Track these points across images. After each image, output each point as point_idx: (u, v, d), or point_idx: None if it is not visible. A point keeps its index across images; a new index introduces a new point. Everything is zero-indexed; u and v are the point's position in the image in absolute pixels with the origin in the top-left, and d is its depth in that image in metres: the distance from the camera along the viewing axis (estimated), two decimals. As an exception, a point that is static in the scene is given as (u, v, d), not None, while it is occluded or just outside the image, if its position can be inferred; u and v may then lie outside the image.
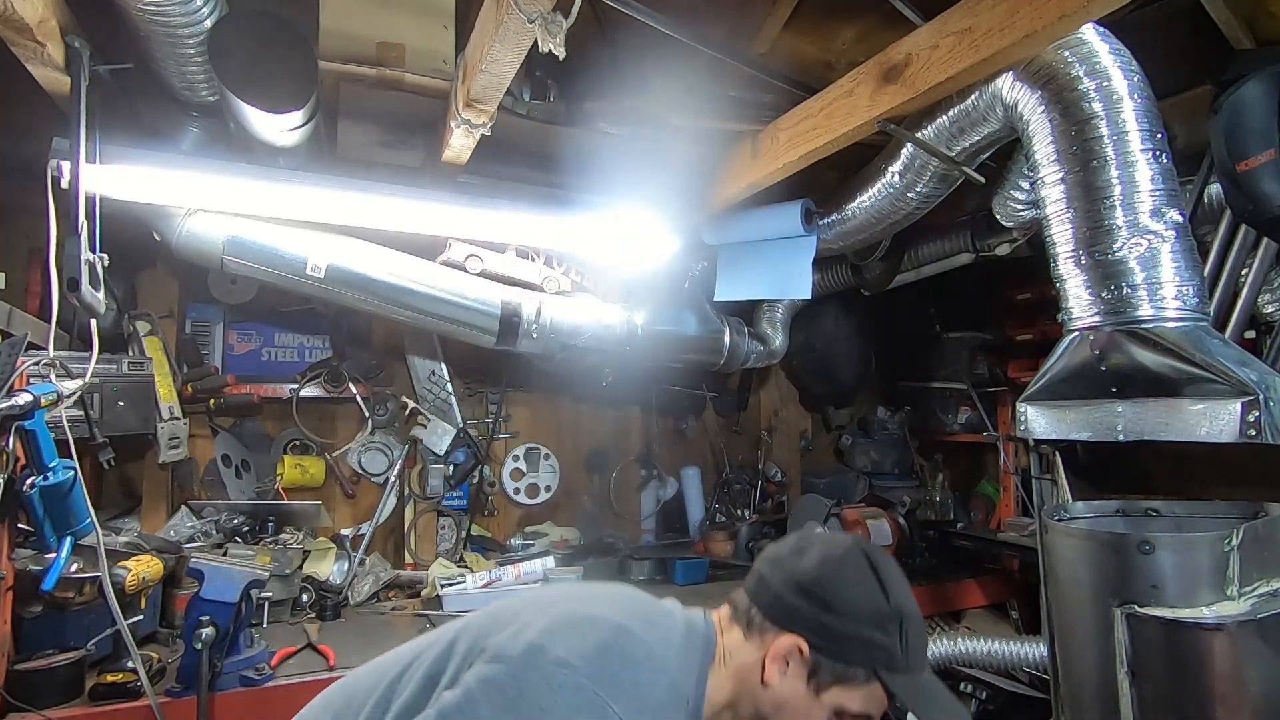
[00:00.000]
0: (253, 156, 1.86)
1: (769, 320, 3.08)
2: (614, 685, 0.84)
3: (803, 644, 0.96)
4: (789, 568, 1.01)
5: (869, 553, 1.00)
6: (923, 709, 0.96)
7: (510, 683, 0.82)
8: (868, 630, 0.95)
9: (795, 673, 0.97)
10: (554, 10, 1.24)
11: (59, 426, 1.56)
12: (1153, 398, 1.36)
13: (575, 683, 0.83)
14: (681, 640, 0.99)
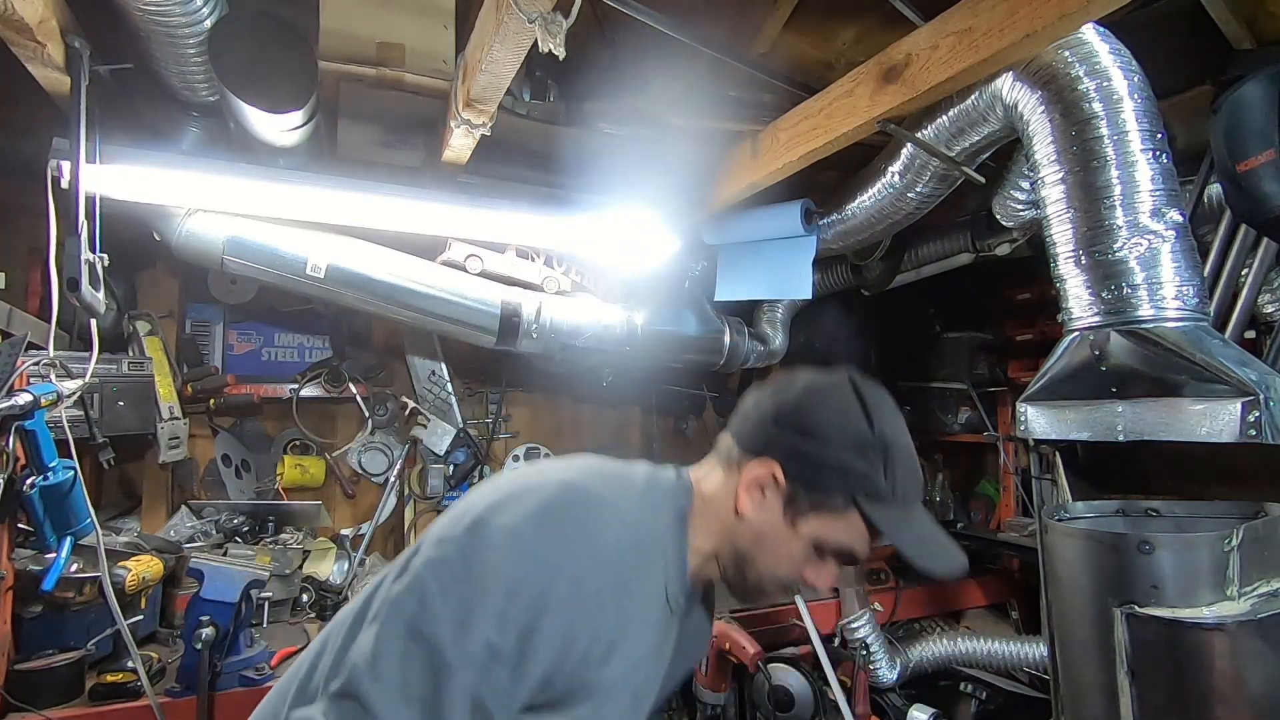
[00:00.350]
0: (253, 156, 1.86)
1: (769, 320, 3.08)
2: (561, 538, 0.81)
3: (776, 469, 0.92)
4: (771, 400, 0.97)
5: (858, 383, 0.95)
6: (907, 544, 0.90)
7: (457, 558, 0.79)
8: (847, 456, 0.90)
9: (770, 502, 0.93)
10: (554, 10, 1.24)
11: (59, 426, 1.56)
12: (1153, 398, 1.36)
13: (521, 544, 0.79)
14: (642, 492, 0.95)
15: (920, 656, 2.40)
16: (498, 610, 0.75)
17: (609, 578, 0.83)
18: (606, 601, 0.82)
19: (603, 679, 0.84)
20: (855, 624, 2.29)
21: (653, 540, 0.91)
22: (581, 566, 0.80)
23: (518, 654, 0.76)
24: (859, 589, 2.34)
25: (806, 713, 2.00)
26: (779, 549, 0.94)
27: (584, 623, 0.80)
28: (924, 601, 2.69)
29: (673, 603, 0.95)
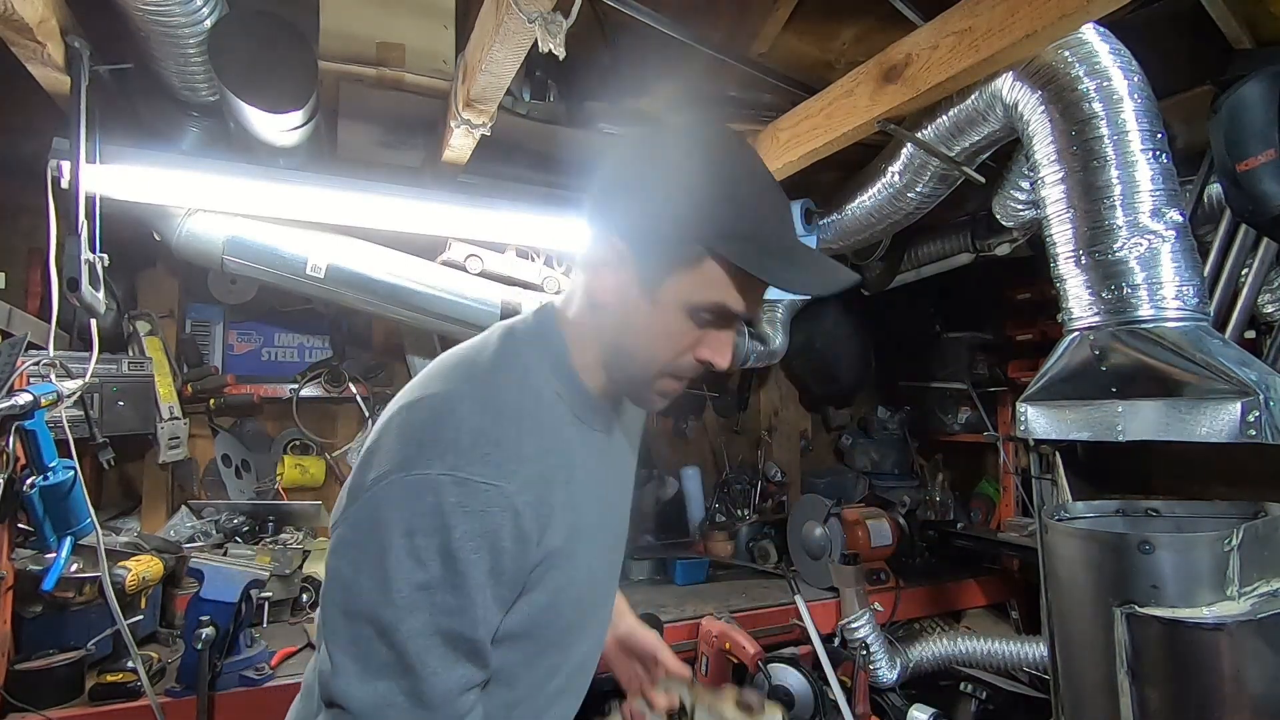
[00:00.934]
0: (253, 156, 1.86)
1: (769, 320, 3.08)
2: (425, 458, 0.76)
3: (615, 239, 0.84)
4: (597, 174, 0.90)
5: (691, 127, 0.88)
6: (778, 274, 0.80)
7: (351, 531, 0.78)
8: (684, 199, 0.80)
9: (623, 278, 0.84)
10: (554, 10, 1.24)
11: (59, 426, 1.56)
12: (1153, 398, 1.36)
13: (394, 487, 0.76)
14: (495, 352, 0.88)
15: (920, 656, 2.40)
16: (406, 551, 0.74)
17: (495, 458, 0.77)
18: (511, 478, 0.77)
19: (565, 531, 0.83)
20: (855, 624, 2.29)
21: (529, 389, 0.86)
22: (459, 468, 0.76)
23: (450, 574, 0.74)
24: (859, 589, 2.34)
25: (806, 713, 2.00)
26: (652, 329, 0.84)
27: (496, 510, 0.76)
28: (924, 601, 2.69)
29: (594, 424, 0.92)
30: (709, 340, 0.85)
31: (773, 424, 3.50)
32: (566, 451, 0.86)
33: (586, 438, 0.91)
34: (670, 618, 2.21)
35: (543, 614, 0.84)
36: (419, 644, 0.74)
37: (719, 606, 2.32)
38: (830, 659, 2.18)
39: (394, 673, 0.74)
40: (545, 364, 0.89)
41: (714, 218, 0.79)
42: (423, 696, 0.74)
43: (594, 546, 0.90)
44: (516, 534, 0.77)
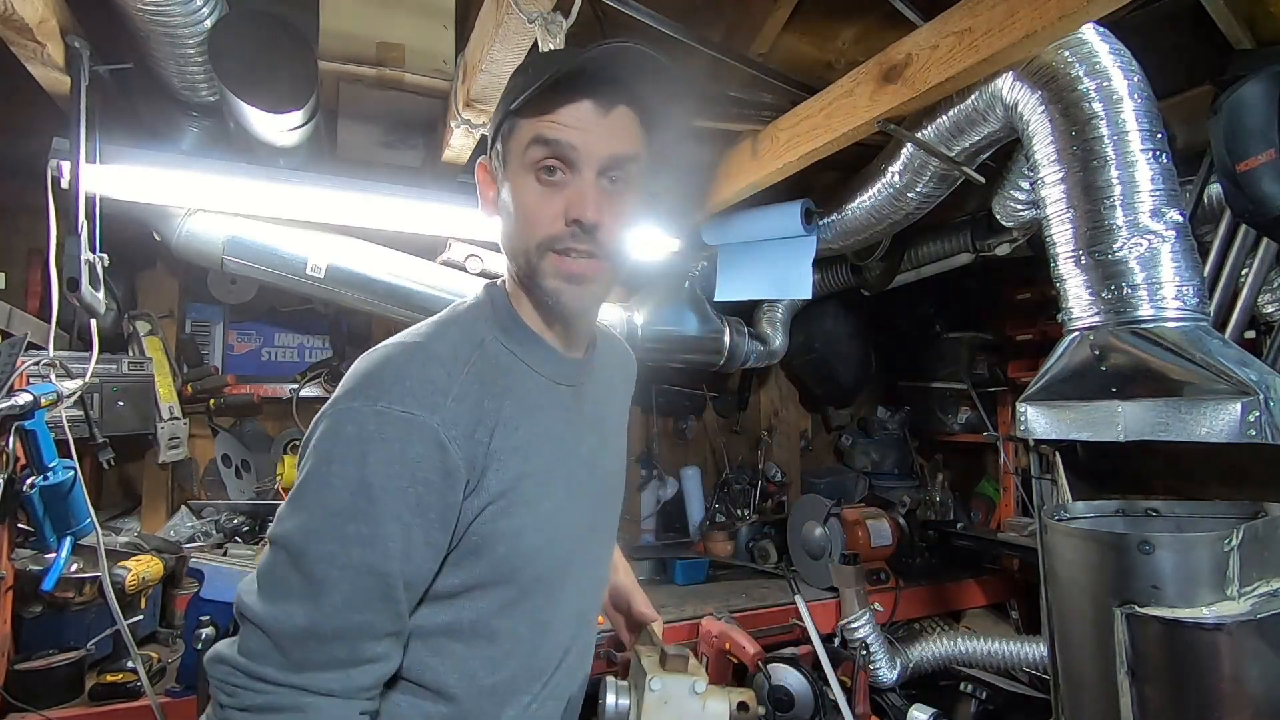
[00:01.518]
0: (253, 156, 1.86)
1: (769, 320, 3.08)
2: (355, 392, 0.79)
3: (482, 160, 0.95)
4: None
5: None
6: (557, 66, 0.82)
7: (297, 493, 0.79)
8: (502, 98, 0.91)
9: (492, 189, 0.93)
10: (554, 10, 1.24)
11: (59, 426, 1.56)
12: (1153, 398, 1.36)
13: (324, 423, 0.78)
14: (439, 316, 0.93)
15: (920, 656, 2.40)
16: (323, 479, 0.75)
17: (419, 392, 0.79)
18: (435, 410, 0.78)
19: (513, 477, 0.83)
20: (855, 624, 2.29)
21: (469, 341, 0.88)
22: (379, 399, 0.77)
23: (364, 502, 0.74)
24: (859, 589, 2.34)
25: (806, 713, 2.00)
26: (514, 210, 0.88)
27: (417, 441, 0.76)
28: (924, 601, 2.69)
29: (556, 378, 0.93)
30: (566, 196, 0.86)
31: (773, 424, 3.50)
32: (517, 400, 0.87)
33: (547, 392, 0.92)
34: (670, 618, 2.21)
35: (505, 561, 0.84)
36: (325, 571, 0.74)
37: (719, 606, 2.32)
38: (830, 659, 2.18)
39: (299, 598, 0.74)
40: (491, 323, 0.92)
41: (516, 85, 0.88)
42: (318, 628, 0.74)
43: (562, 497, 0.90)
44: (443, 469, 0.78)
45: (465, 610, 0.84)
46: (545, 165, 0.85)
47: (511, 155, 0.88)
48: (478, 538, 0.82)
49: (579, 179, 0.86)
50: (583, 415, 0.98)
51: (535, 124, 0.85)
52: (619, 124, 0.87)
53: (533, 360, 0.92)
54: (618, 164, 0.87)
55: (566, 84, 0.84)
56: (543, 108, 0.85)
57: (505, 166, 0.89)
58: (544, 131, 0.84)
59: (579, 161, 0.85)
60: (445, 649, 0.84)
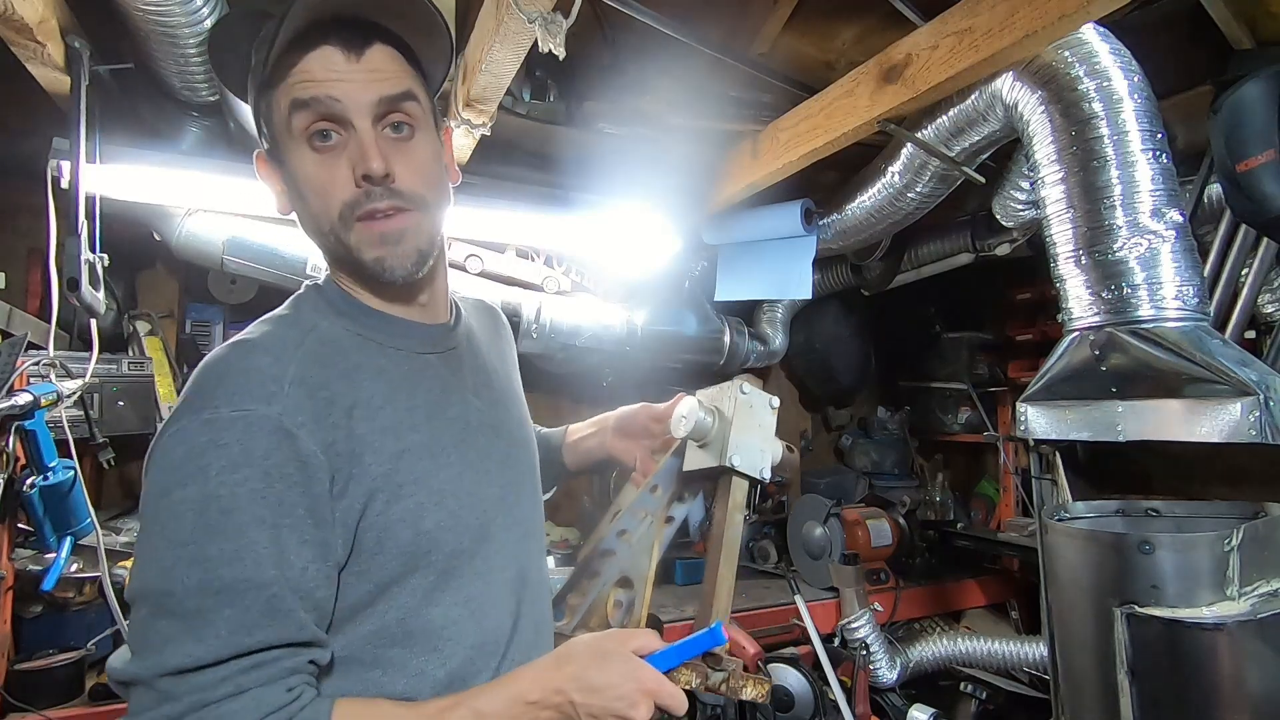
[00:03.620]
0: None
1: (769, 320, 3.08)
2: (179, 413, 0.72)
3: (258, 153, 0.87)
4: None
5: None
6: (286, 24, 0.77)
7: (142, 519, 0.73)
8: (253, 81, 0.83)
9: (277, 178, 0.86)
10: (554, 10, 1.24)
11: (59, 426, 1.56)
12: (1153, 398, 1.36)
13: (154, 458, 0.72)
14: (265, 315, 0.86)
15: (920, 656, 2.40)
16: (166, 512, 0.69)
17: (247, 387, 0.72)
18: (271, 401, 0.72)
19: (392, 458, 0.78)
20: (855, 624, 2.29)
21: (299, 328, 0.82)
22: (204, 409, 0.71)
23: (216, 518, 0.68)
24: (859, 589, 2.34)
25: (806, 713, 1.99)
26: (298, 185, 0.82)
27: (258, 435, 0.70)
28: (924, 601, 2.69)
29: (416, 349, 0.88)
30: (346, 152, 0.79)
31: (773, 424, 3.49)
32: (374, 378, 0.81)
33: (410, 362, 0.87)
34: (670, 618, 2.21)
35: (413, 546, 0.79)
36: (199, 603, 0.66)
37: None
38: (830, 659, 2.18)
39: (179, 641, 0.66)
40: (323, 310, 0.86)
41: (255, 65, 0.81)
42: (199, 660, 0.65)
43: (458, 465, 0.85)
44: (296, 458, 0.71)
45: (389, 612, 0.78)
46: (317, 131, 0.78)
47: (279, 132, 0.81)
48: (376, 533, 0.77)
49: (355, 134, 0.79)
50: (461, 379, 0.92)
51: (288, 89, 0.78)
52: (378, 63, 0.80)
53: (381, 336, 0.86)
54: (393, 105, 0.80)
55: (302, 39, 0.78)
56: (288, 70, 0.78)
57: (278, 147, 0.82)
58: (298, 93, 0.77)
59: (348, 114, 0.78)
60: (384, 659, 0.78)
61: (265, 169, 0.87)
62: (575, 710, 0.75)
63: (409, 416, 0.82)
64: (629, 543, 1.08)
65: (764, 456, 1.03)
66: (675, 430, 1.03)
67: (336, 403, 0.76)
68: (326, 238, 0.83)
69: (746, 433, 1.01)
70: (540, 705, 0.76)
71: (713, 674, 0.87)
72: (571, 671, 0.77)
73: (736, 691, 0.89)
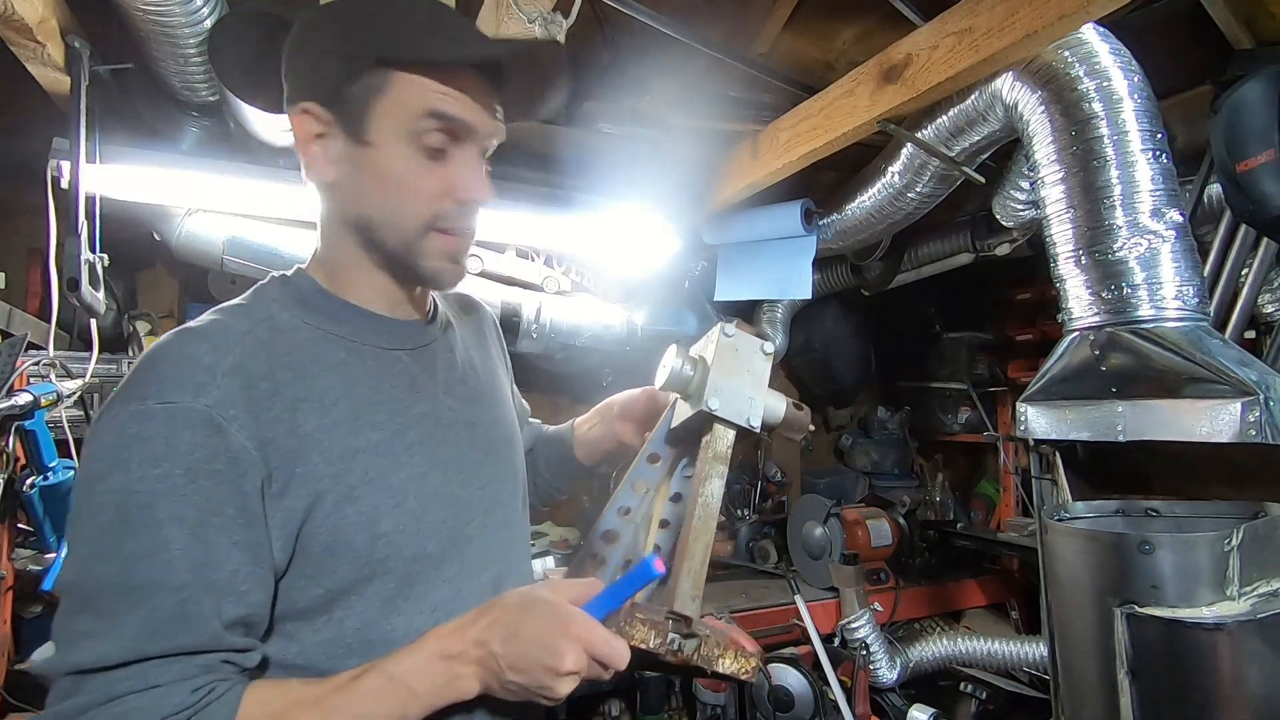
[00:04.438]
0: (253, 156, 1.86)
1: (769, 320, 3.08)
2: (111, 403, 0.69)
3: (306, 108, 0.80)
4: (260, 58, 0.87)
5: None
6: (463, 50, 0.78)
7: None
8: (345, 32, 0.78)
9: (332, 145, 0.79)
10: (554, 10, 1.24)
11: (59, 426, 1.56)
12: (1153, 398, 1.36)
13: (85, 450, 0.70)
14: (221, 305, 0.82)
15: (920, 656, 2.40)
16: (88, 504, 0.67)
17: (178, 377, 0.69)
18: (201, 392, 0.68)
19: (342, 458, 0.74)
20: (855, 624, 2.29)
21: (253, 318, 0.78)
22: (133, 399, 0.68)
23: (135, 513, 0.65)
24: (859, 589, 2.34)
25: (806, 713, 2.00)
26: (384, 180, 0.78)
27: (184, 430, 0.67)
28: (924, 601, 2.69)
29: (383, 343, 0.83)
30: (454, 172, 0.79)
31: (773, 424, 3.50)
32: (329, 373, 0.77)
33: (374, 358, 0.82)
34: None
35: (369, 551, 0.75)
36: (112, 602, 0.64)
37: (719, 606, 2.32)
38: (830, 659, 2.18)
39: (94, 635, 0.64)
40: (284, 301, 0.82)
41: (386, 25, 0.77)
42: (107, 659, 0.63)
43: (423, 464, 0.81)
44: (226, 454, 0.68)
45: (346, 620, 0.75)
46: (434, 139, 0.77)
47: (386, 117, 0.76)
48: (326, 536, 0.73)
49: (464, 154, 0.80)
50: (433, 376, 0.88)
51: (428, 93, 0.76)
52: (496, 107, 0.82)
53: (346, 330, 0.82)
54: (490, 149, 0.84)
55: (461, 57, 0.78)
56: (434, 75, 0.76)
57: (366, 126, 0.77)
58: (443, 107, 0.76)
59: (467, 139, 0.79)
60: (342, 669, 0.73)
61: (312, 125, 0.80)
62: (497, 662, 0.70)
63: (368, 414, 0.78)
64: (632, 521, 0.97)
65: (751, 404, 0.91)
66: (657, 382, 0.94)
67: (280, 395, 0.72)
68: (383, 236, 0.80)
69: (729, 376, 0.91)
70: (460, 659, 0.71)
71: (683, 641, 0.75)
72: (493, 619, 0.72)
73: (710, 661, 0.77)
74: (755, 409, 0.92)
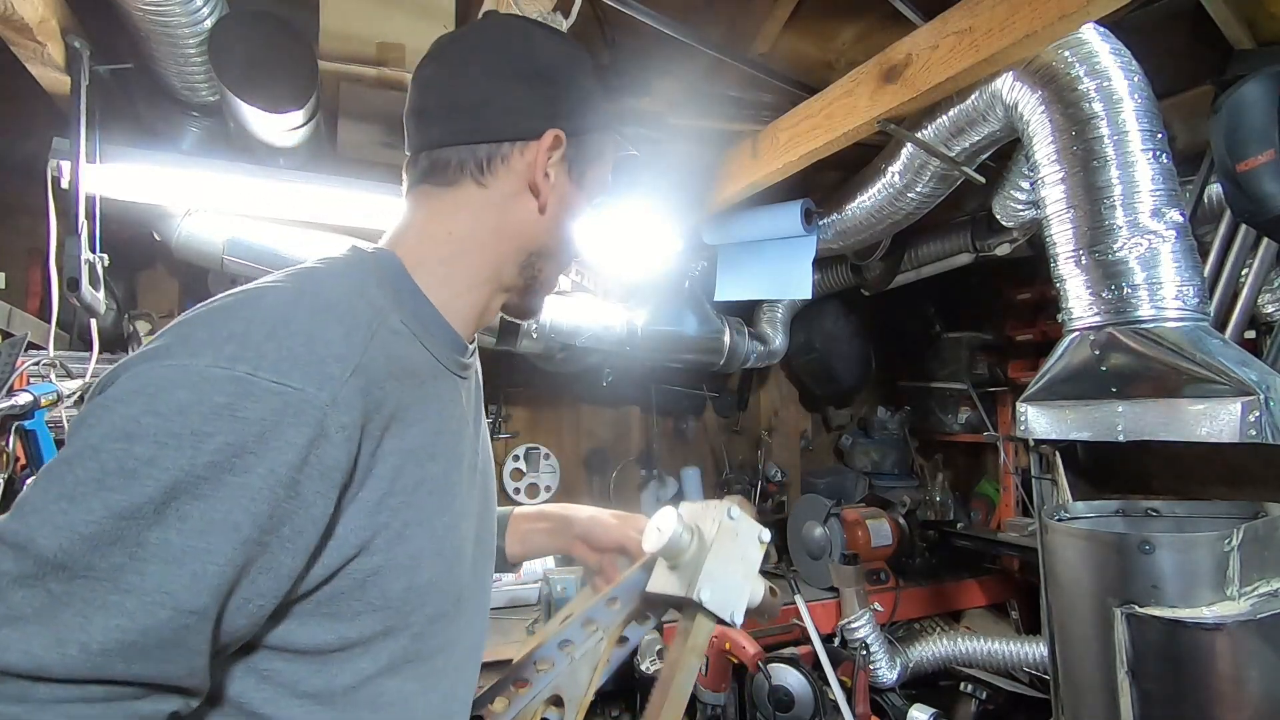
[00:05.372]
0: (253, 156, 1.86)
1: (769, 320, 3.08)
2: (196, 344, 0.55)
3: (559, 132, 0.78)
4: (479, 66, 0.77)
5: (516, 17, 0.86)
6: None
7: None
8: (586, 81, 0.83)
9: (557, 170, 0.80)
10: (554, 10, 1.24)
11: (59, 426, 1.56)
12: (1153, 398, 1.36)
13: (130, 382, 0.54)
14: (324, 262, 0.72)
15: (920, 656, 2.40)
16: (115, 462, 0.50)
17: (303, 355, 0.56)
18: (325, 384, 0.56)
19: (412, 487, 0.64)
20: (855, 624, 2.29)
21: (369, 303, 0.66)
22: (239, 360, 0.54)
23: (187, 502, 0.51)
24: (859, 589, 2.34)
25: (806, 713, 2.00)
26: (573, 217, 0.84)
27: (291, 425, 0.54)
28: (924, 601, 2.69)
29: (455, 369, 0.76)
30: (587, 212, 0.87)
31: (773, 424, 3.50)
32: (415, 388, 0.66)
33: (442, 380, 0.72)
34: (670, 618, 2.21)
35: (402, 603, 0.64)
36: (89, 596, 0.48)
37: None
38: (830, 659, 2.18)
39: (33, 624, 0.47)
40: (383, 287, 0.70)
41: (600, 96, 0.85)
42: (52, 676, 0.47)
43: (458, 510, 0.72)
44: (320, 470, 0.55)
45: (341, 674, 0.62)
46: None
47: (584, 169, 0.84)
48: (364, 574, 0.61)
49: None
50: (469, 411, 0.82)
51: (619, 145, 0.88)
52: None
53: (430, 341, 0.72)
54: None
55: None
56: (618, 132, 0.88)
57: (591, 176, 0.85)
58: (609, 175, 0.88)
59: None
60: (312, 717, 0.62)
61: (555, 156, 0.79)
62: None
63: (430, 443, 0.67)
64: (570, 655, 0.92)
65: (739, 596, 0.88)
66: (646, 542, 0.87)
67: (383, 407, 0.61)
68: (551, 265, 0.85)
69: (724, 563, 0.87)
70: None
71: None
72: None
73: None
74: (741, 601, 0.88)
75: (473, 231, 0.78)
